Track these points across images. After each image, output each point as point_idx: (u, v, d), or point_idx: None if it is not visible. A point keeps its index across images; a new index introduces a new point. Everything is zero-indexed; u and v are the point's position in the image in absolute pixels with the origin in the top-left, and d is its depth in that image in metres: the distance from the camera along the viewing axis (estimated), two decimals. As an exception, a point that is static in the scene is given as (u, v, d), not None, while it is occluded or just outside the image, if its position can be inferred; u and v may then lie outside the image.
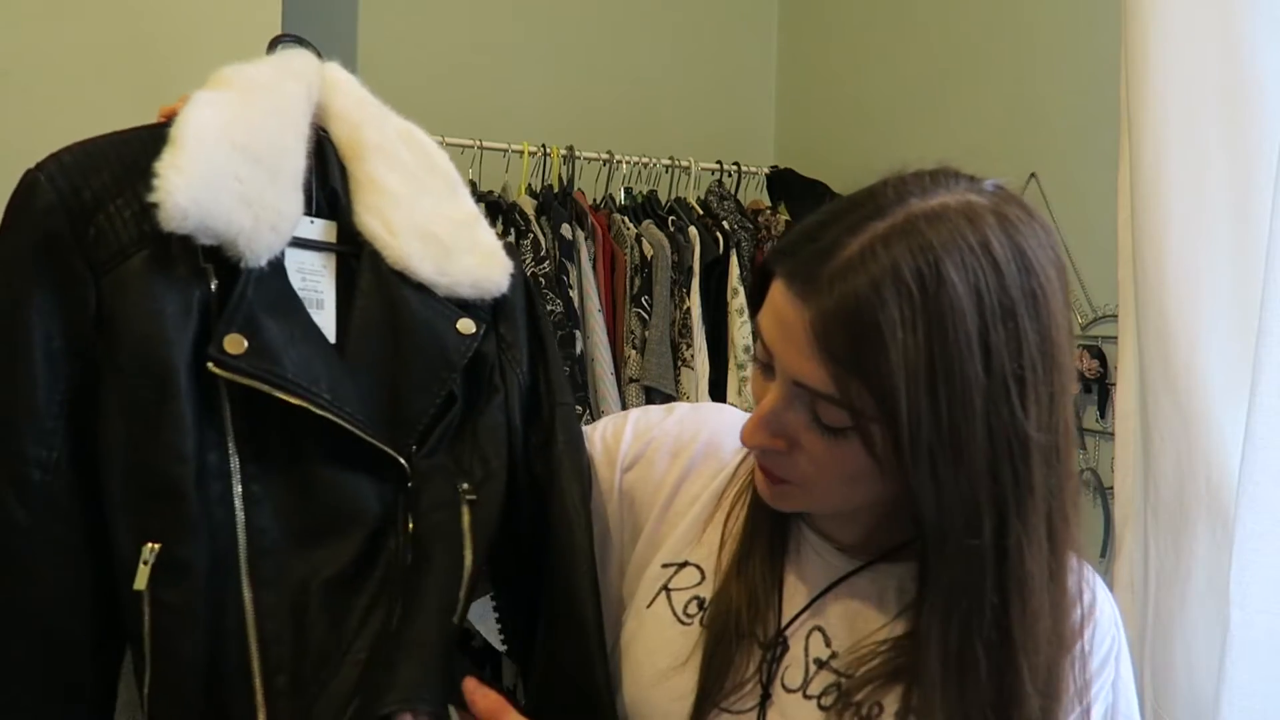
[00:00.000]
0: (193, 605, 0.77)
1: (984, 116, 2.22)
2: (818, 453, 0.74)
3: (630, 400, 2.27)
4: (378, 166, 0.88)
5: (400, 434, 0.85)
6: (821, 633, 0.82)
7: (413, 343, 0.86)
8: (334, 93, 0.89)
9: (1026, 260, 0.70)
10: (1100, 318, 1.92)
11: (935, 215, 0.69)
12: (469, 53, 2.65)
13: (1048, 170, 2.04)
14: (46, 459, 0.77)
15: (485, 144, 2.33)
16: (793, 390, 0.73)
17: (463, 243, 0.90)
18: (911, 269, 0.67)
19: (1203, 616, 1.27)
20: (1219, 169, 1.27)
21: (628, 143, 2.54)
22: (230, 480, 0.79)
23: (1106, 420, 1.87)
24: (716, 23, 2.96)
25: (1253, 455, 1.19)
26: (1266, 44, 1.24)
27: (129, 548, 0.77)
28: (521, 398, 0.93)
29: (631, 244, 2.34)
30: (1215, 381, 1.27)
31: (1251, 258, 1.25)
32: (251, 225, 0.78)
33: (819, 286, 0.68)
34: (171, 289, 0.77)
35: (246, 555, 0.79)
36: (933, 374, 0.66)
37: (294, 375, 0.79)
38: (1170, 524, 1.30)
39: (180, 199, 0.75)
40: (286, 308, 0.83)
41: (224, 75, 0.83)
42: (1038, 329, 0.69)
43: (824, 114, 2.83)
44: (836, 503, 0.80)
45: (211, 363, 0.76)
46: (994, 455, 0.68)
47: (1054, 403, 0.70)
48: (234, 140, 0.79)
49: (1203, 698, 1.26)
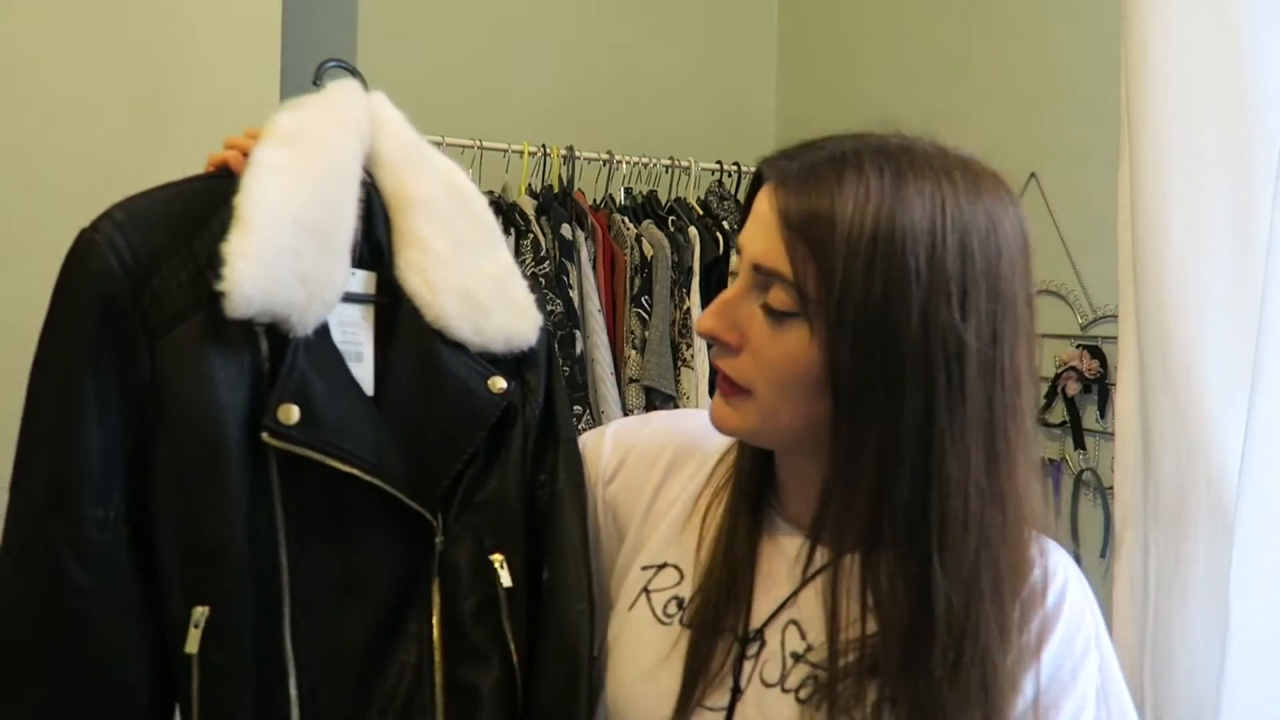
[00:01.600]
0: (241, 667, 0.78)
1: (984, 116, 2.22)
2: (763, 348, 0.77)
3: (630, 400, 2.27)
4: (421, 222, 0.89)
5: (427, 488, 0.86)
6: (797, 626, 0.82)
7: (445, 400, 0.88)
8: (381, 136, 0.89)
9: (987, 204, 0.75)
10: (1100, 318, 1.93)
11: (911, 143, 0.77)
12: (469, 53, 2.65)
13: (1048, 170, 2.04)
14: (104, 519, 0.78)
15: (485, 144, 2.33)
16: (751, 278, 0.78)
17: (499, 300, 0.91)
18: (874, 166, 0.74)
19: (1203, 616, 1.27)
20: (1219, 169, 1.27)
21: (628, 143, 2.54)
22: (277, 541, 0.80)
23: (1106, 420, 1.87)
24: (716, 23, 2.96)
25: (1253, 455, 1.19)
26: (1267, 44, 1.24)
27: (180, 610, 0.78)
28: (536, 438, 0.94)
29: (631, 244, 2.34)
30: (1215, 381, 1.27)
31: (1251, 258, 1.25)
32: (305, 301, 0.80)
33: (790, 173, 0.76)
34: (224, 354, 0.78)
35: (290, 614, 0.80)
36: (872, 255, 0.71)
37: (344, 442, 0.81)
38: (1170, 524, 1.30)
39: (249, 289, 0.76)
40: (331, 368, 0.84)
41: (282, 128, 0.83)
42: (986, 256, 0.74)
43: (824, 114, 2.83)
44: (777, 419, 0.80)
45: (266, 433, 0.78)
46: (928, 346, 0.72)
47: (996, 326, 0.74)
48: (295, 215, 0.79)
49: (1203, 698, 1.26)
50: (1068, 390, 1.93)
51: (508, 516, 0.90)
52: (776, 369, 0.77)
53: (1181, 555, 1.29)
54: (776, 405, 0.79)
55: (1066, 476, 1.98)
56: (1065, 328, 1.99)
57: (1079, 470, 1.94)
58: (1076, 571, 0.84)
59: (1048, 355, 2.02)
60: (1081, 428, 1.93)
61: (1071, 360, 1.92)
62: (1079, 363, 1.91)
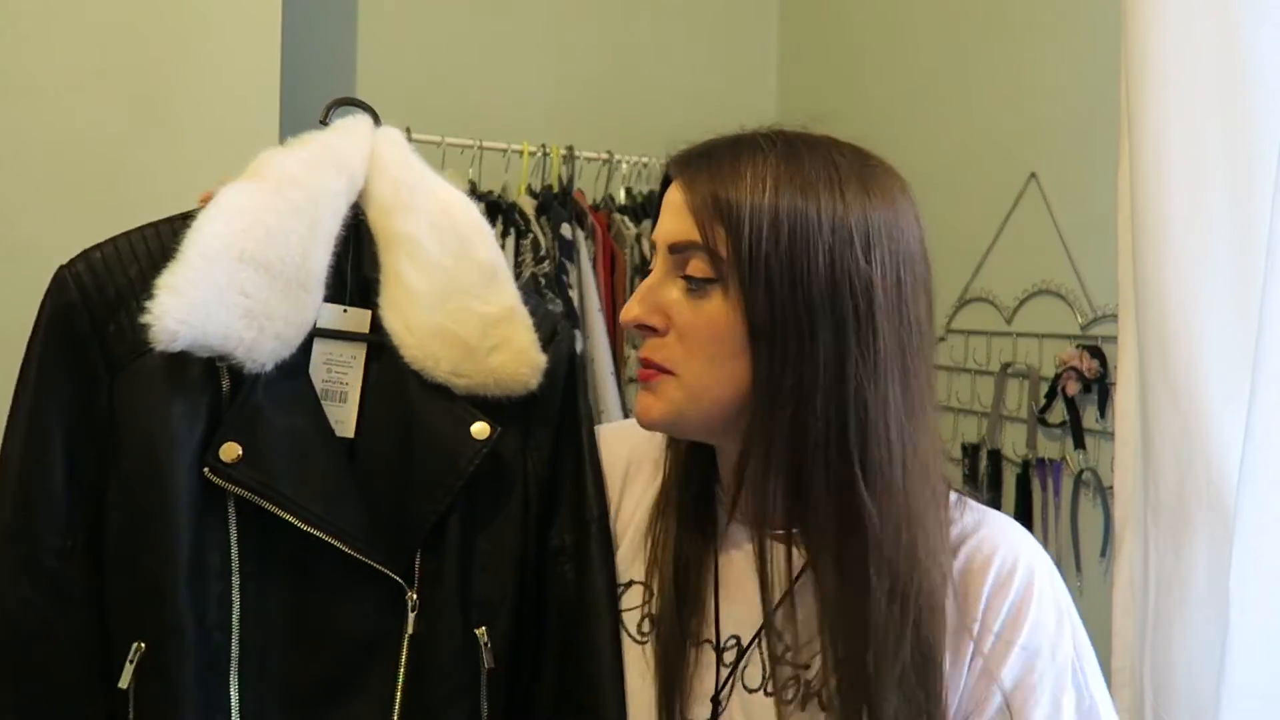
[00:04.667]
0: (177, 707, 0.77)
1: (984, 116, 2.22)
2: (686, 323, 0.80)
3: (630, 400, 2.27)
4: (401, 260, 0.86)
5: (404, 540, 0.83)
6: (773, 629, 0.82)
7: (422, 445, 0.85)
8: (375, 175, 0.87)
9: (880, 178, 0.81)
10: (1100, 318, 1.92)
11: (807, 134, 0.83)
12: (469, 53, 2.65)
13: (1048, 170, 2.04)
14: (61, 546, 0.79)
15: (485, 144, 2.34)
16: (667, 260, 0.82)
17: (489, 341, 0.86)
18: (768, 142, 0.80)
19: (1203, 616, 1.27)
20: (1219, 168, 1.27)
21: (628, 143, 2.54)
22: (230, 581, 0.79)
23: (1106, 420, 1.87)
24: (717, 22, 2.96)
25: (1253, 455, 1.19)
26: (1267, 44, 1.24)
27: (121, 644, 0.77)
28: (540, 500, 0.89)
29: (631, 244, 2.34)
30: (1215, 381, 1.27)
31: (1251, 258, 1.25)
32: (254, 337, 0.79)
33: (691, 159, 0.82)
34: (181, 389, 0.79)
35: (238, 656, 0.79)
36: (775, 210, 0.76)
37: (284, 488, 0.79)
38: (1170, 524, 1.30)
39: (170, 322, 0.75)
40: (298, 408, 0.82)
41: (261, 164, 0.83)
42: (885, 208, 0.79)
43: (824, 114, 2.82)
44: (704, 396, 0.80)
45: (207, 469, 0.78)
46: (834, 287, 0.76)
47: (900, 273, 0.78)
48: (243, 251, 0.79)
49: (1203, 698, 1.26)
50: (1068, 390, 1.93)
51: (499, 585, 0.86)
52: (701, 339, 0.79)
53: (1181, 555, 1.29)
54: (702, 380, 0.80)
55: (1066, 477, 1.98)
56: (1065, 328, 1.99)
57: (1079, 470, 1.94)
58: (1034, 545, 0.84)
59: (1048, 355, 2.02)
60: (1081, 428, 1.93)
61: (1071, 360, 1.92)
62: (1079, 363, 1.91)
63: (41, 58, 1.86)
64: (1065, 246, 2.00)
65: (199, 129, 1.91)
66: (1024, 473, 2.03)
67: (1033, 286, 2.06)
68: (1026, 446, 2.04)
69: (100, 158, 1.85)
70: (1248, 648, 1.19)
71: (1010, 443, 2.09)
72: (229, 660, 0.79)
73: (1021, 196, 2.08)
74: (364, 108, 0.89)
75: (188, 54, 1.94)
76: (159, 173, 1.86)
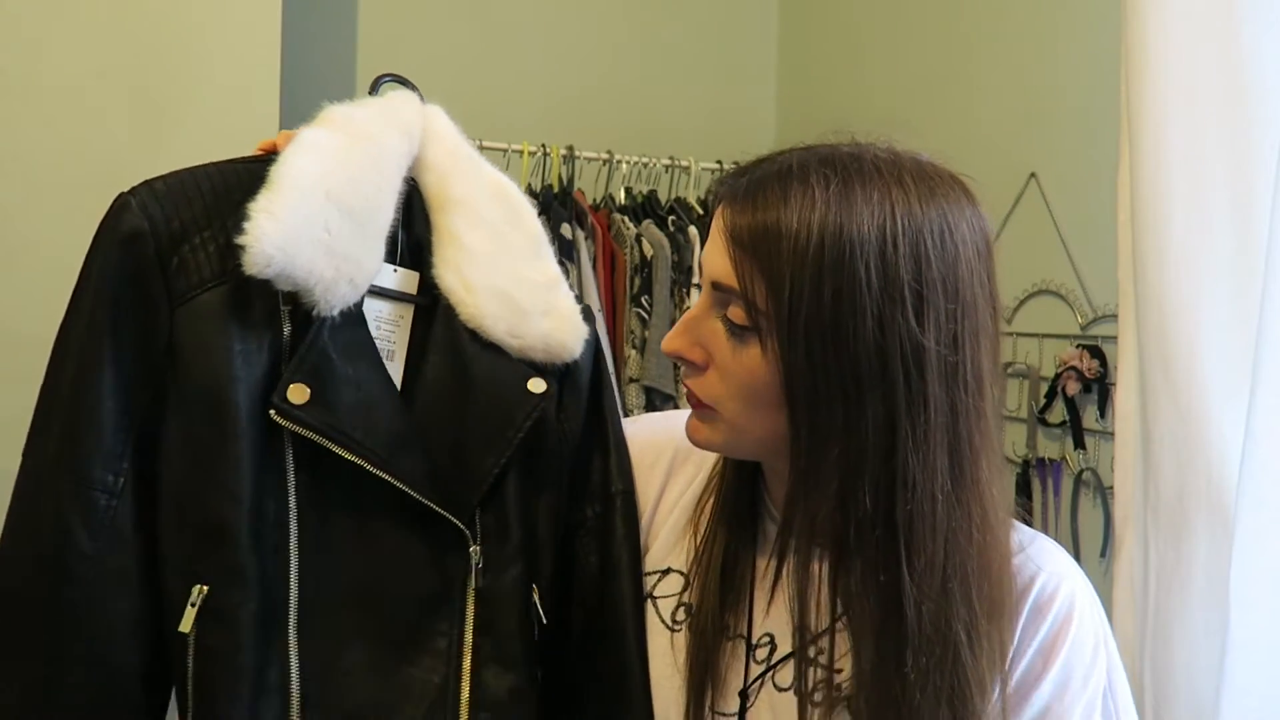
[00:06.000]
0: (237, 655, 0.76)
1: (984, 116, 2.22)
2: (725, 363, 0.77)
3: (630, 400, 2.27)
4: (459, 221, 0.87)
5: (465, 493, 0.83)
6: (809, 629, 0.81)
7: (480, 400, 0.84)
8: (431, 143, 0.88)
9: (941, 206, 0.74)
10: (1100, 318, 1.92)
11: (861, 150, 0.76)
12: (469, 52, 2.65)
13: (1048, 170, 2.04)
14: (112, 484, 0.77)
15: (485, 144, 2.33)
16: (711, 296, 0.79)
17: (540, 305, 0.88)
18: (820, 177, 0.73)
19: (1203, 616, 1.27)
20: (1219, 169, 1.27)
21: (628, 143, 2.54)
22: (288, 531, 0.78)
23: (1106, 420, 1.87)
24: (716, 23, 2.96)
25: (1253, 455, 1.19)
26: (1267, 44, 1.24)
27: (179, 587, 0.76)
28: (568, 469, 0.90)
29: (631, 244, 2.34)
30: (1215, 381, 1.27)
31: (1251, 258, 1.25)
32: (331, 276, 0.78)
33: (739, 190, 0.76)
34: (244, 327, 0.77)
35: (296, 610, 0.78)
36: (820, 265, 0.71)
37: (353, 431, 0.78)
38: (1170, 524, 1.30)
39: (268, 246, 0.74)
40: (360, 357, 0.82)
41: (332, 115, 0.83)
42: (942, 259, 0.73)
43: (824, 114, 2.83)
44: (746, 434, 0.80)
45: (273, 410, 0.76)
46: (884, 353, 0.71)
47: (957, 329, 0.73)
48: (329, 190, 0.78)
49: (1203, 698, 1.26)
50: (1068, 390, 1.93)
51: (549, 544, 0.87)
52: (740, 384, 0.77)
53: (1181, 555, 1.29)
54: (742, 421, 0.78)
55: (1066, 476, 1.98)
56: (1065, 328, 1.99)
57: (1079, 470, 1.94)
58: (1078, 572, 0.84)
59: (1048, 355, 2.02)
60: (1081, 428, 1.93)
61: (1071, 360, 1.92)
62: (1079, 363, 1.91)
63: (41, 58, 1.86)
64: (1065, 246, 2.00)
65: (199, 129, 1.91)
66: (1024, 472, 2.03)
67: (1033, 286, 2.06)
68: (1026, 446, 2.05)
69: (100, 158, 1.85)
70: (1248, 648, 1.19)
71: (1010, 442, 2.10)
72: (288, 613, 0.77)
73: (1021, 196, 2.08)
74: (409, 86, 0.91)
75: (188, 54, 1.94)
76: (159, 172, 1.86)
